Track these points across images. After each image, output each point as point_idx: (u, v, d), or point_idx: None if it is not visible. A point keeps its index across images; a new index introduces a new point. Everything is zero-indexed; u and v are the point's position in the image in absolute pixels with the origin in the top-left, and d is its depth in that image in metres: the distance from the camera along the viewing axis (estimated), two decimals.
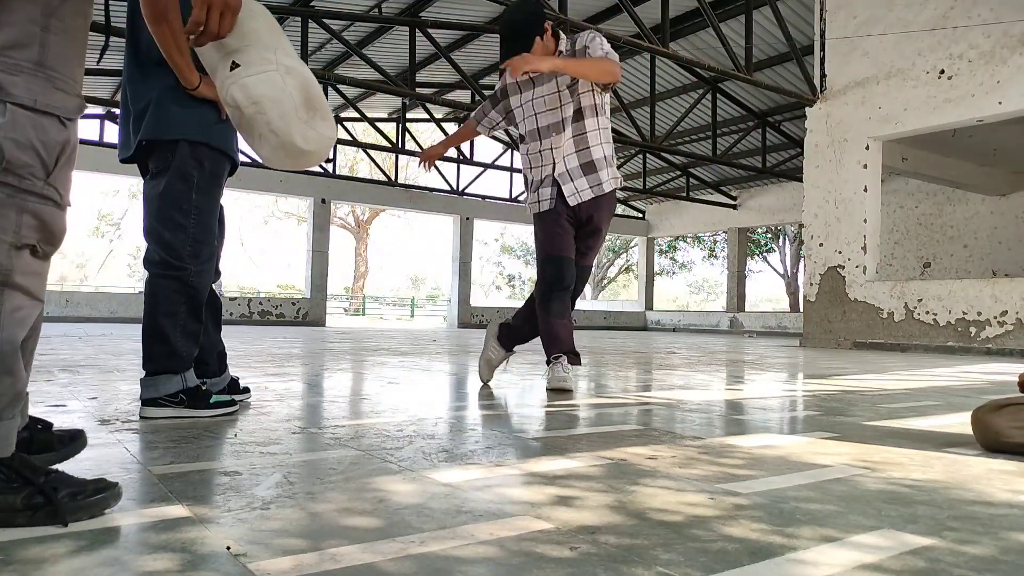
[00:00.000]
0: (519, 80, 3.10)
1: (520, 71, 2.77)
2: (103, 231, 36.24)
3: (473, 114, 3.36)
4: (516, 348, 3.36)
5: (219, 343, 2.40)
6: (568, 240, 3.05)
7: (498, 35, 3.04)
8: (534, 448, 1.77)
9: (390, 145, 14.20)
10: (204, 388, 2.18)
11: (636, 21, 7.30)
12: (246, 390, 2.55)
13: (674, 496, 1.31)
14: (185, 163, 2.07)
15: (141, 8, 1.83)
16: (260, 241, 53.87)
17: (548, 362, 3.07)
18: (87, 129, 14.50)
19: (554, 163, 3.04)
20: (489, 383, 3.33)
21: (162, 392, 2.09)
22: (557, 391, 2.98)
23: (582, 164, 3.03)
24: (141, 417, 2.08)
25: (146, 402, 2.10)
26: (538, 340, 3.17)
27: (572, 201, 3.03)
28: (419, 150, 15.26)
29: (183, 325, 2.12)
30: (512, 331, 3.25)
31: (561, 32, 3.09)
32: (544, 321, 3.04)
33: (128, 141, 2.12)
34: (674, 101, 14.49)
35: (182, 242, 2.09)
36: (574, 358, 3.07)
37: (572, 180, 3.03)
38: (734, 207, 18.45)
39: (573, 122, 3.02)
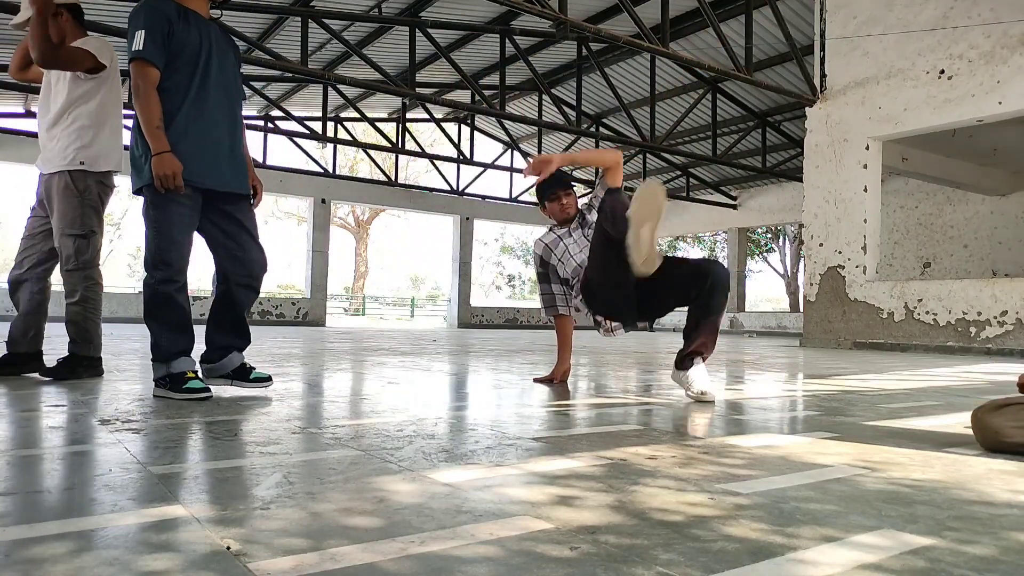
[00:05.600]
0: (558, 234, 3.33)
1: (546, 168, 3.07)
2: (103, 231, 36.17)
3: (550, 310, 3.37)
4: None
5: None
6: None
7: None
8: (534, 448, 1.77)
9: (390, 145, 14.19)
10: (188, 375, 2.59)
11: (636, 21, 7.29)
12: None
13: (674, 496, 1.31)
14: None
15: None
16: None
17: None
18: None
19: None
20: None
21: (155, 375, 2.60)
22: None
23: None
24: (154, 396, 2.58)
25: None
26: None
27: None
28: (419, 150, 15.28)
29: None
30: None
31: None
32: None
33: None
34: (674, 101, 14.48)
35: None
36: None
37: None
38: (734, 207, 18.45)
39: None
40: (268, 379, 2.82)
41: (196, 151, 2.56)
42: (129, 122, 2.94)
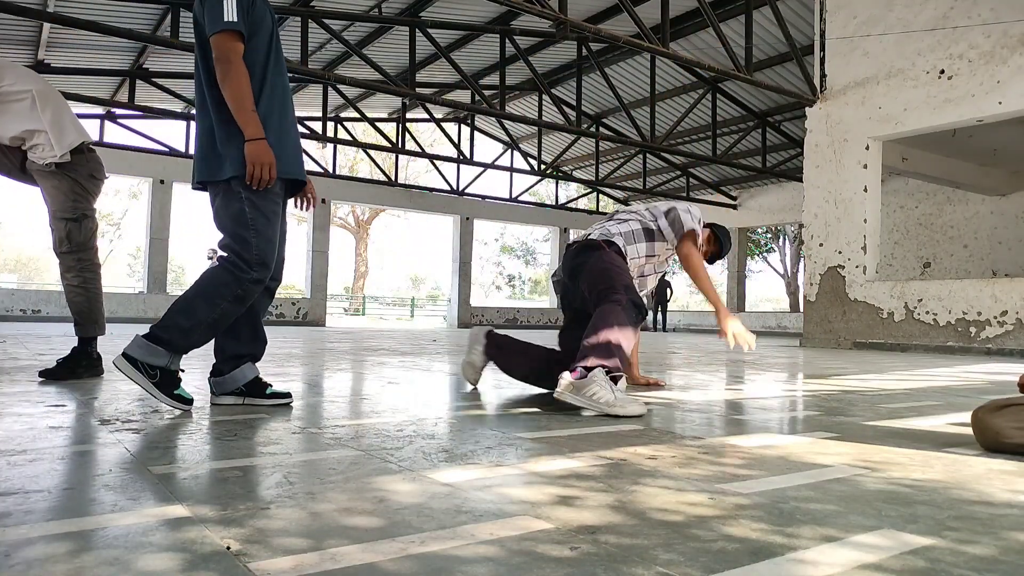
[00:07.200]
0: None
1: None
2: (103, 231, 36.15)
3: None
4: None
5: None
6: None
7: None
8: (534, 448, 1.77)
9: (390, 145, 14.20)
10: (179, 376, 2.27)
11: (636, 21, 7.30)
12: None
13: (674, 496, 1.31)
14: None
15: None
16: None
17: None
18: (89, 129, 14.54)
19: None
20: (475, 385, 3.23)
21: (147, 358, 2.21)
22: None
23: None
24: (113, 363, 2.24)
25: (127, 356, 2.21)
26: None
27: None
28: (419, 150, 15.28)
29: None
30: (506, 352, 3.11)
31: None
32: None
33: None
34: (674, 101, 14.49)
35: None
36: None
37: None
38: (734, 207, 18.45)
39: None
40: (287, 396, 2.44)
41: (280, 140, 2.27)
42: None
